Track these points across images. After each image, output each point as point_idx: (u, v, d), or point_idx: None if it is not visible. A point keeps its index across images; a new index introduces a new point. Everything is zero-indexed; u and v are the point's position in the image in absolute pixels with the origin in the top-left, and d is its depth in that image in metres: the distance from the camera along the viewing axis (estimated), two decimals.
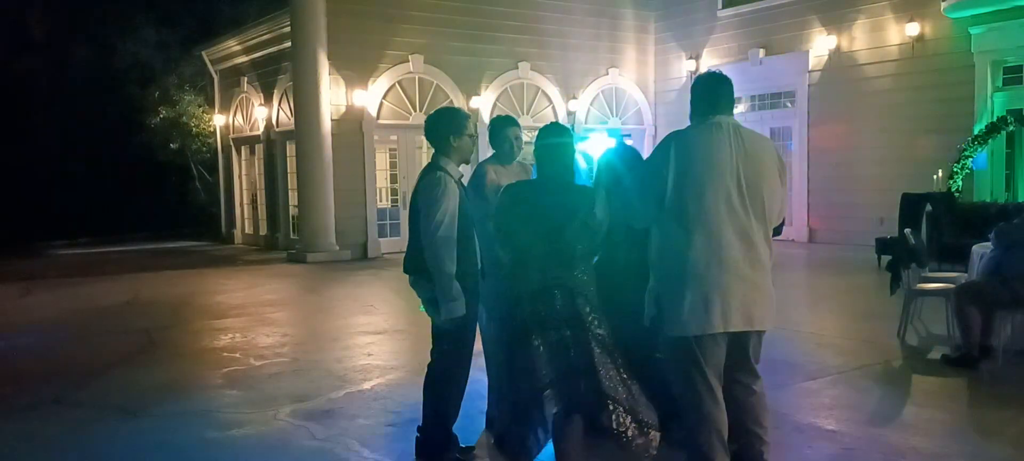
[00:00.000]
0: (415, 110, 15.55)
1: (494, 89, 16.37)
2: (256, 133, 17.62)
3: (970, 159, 12.29)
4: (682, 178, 3.46)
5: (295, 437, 4.89)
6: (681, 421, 3.78)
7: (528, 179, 3.86)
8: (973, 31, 12.83)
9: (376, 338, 7.73)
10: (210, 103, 20.01)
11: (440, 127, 4.20)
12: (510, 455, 3.92)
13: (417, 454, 4.35)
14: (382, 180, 16.67)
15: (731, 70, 16.06)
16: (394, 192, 16.61)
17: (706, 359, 3.52)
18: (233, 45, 17.88)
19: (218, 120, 19.57)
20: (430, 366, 4.33)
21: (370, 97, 15.08)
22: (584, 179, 3.90)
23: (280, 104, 16.51)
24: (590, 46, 17.46)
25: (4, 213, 19.15)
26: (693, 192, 3.45)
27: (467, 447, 4.42)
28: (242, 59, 17.87)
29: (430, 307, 4.19)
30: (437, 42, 15.57)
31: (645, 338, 4.10)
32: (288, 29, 14.48)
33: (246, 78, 17.87)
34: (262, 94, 17.22)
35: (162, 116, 20.23)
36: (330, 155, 14.36)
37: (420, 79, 15.62)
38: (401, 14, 15.23)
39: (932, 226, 11.25)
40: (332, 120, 14.49)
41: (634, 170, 4.51)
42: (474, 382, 4.53)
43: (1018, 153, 12.78)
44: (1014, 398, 5.37)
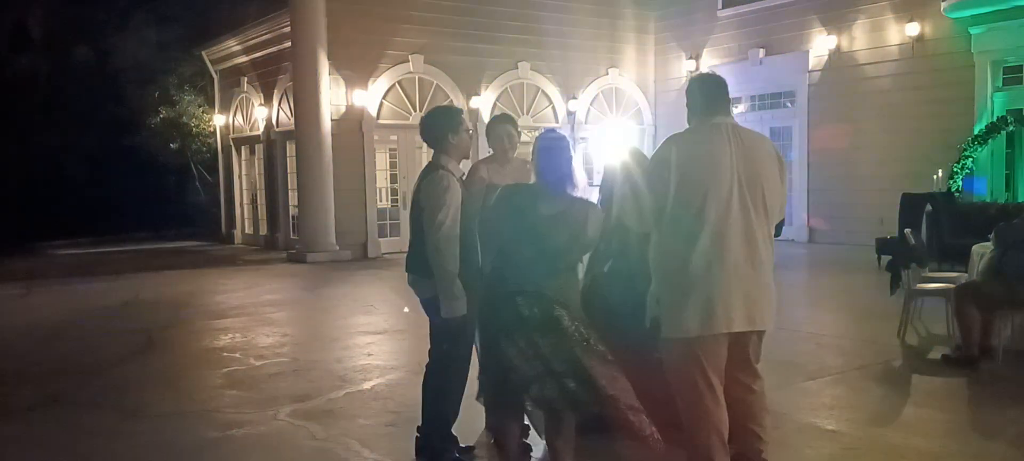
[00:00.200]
0: (415, 110, 15.54)
1: (494, 89, 16.37)
2: (256, 133, 17.62)
3: (969, 159, 12.31)
4: (684, 180, 3.46)
5: (295, 437, 4.89)
6: (681, 421, 3.78)
7: (526, 183, 3.83)
8: (973, 31, 12.83)
9: (376, 338, 7.73)
10: (210, 103, 20.01)
11: (437, 126, 4.19)
12: (509, 455, 3.92)
13: (417, 454, 4.35)
14: (382, 180, 16.67)
15: (731, 70, 16.16)
16: (394, 192, 16.61)
17: (708, 359, 3.51)
18: (233, 45, 17.89)
19: (218, 120, 19.57)
20: (429, 366, 4.33)
21: (370, 97, 15.08)
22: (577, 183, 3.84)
23: (280, 104, 16.51)
24: (590, 46, 17.46)
25: (4, 213, 19.14)
26: (696, 194, 3.45)
27: (467, 447, 4.42)
28: (242, 59, 17.87)
29: (430, 307, 4.18)
30: (437, 42, 15.57)
31: (644, 339, 4.10)
32: (288, 29, 14.48)
33: (246, 78, 17.87)
34: (262, 94, 17.22)
35: (162, 116, 20.23)
36: (330, 155, 14.37)
37: (420, 79, 15.62)
38: (401, 14, 15.23)
39: (932, 226, 11.25)
40: (332, 120, 14.50)
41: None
42: (474, 382, 4.53)
43: (1018, 153, 12.78)
44: (1014, 398, 5.36)
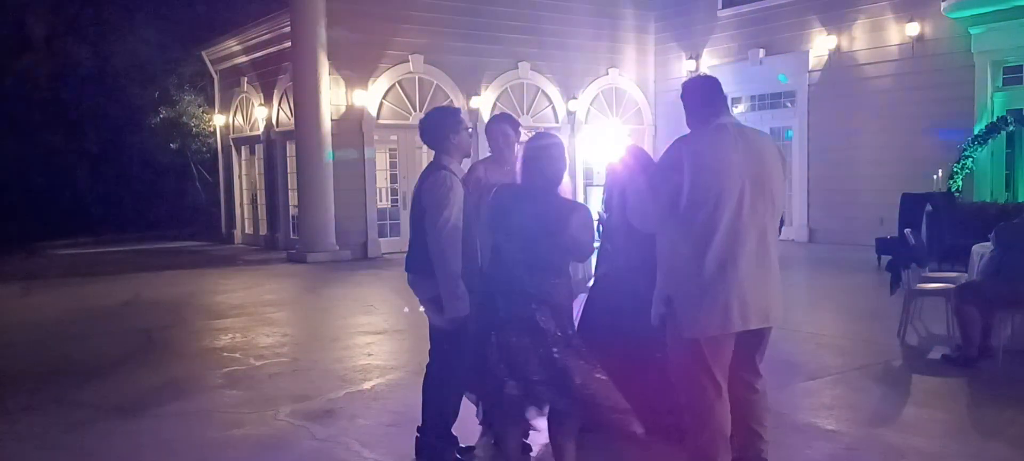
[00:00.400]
0: (415, 110, 15.54)
1: (494, 89, 16.37)
2: (256, 133, 17.62)
3: (969, 159, 12.32)
4: (697, 182, 3.45)
5: (295, 437, 4.89)
6: (683, 419, 3.78)
7: (516, 183, 3.83)
8: (973, 31, 12.83)
9: (376, 338, 7.73)
10: (210, 103, 20.01)
11: (438, 126, 4.18)
12: (508, 456, 3.91)
13: (417, 454, 4.35)
14: (382, 180, 16.68)
15: (731, 70, 16.14)
16: (394, 192, 16.61)
17: (717, 358, 3.54)
18: (233, 45, 17.88)
19: (218, 120, 19.57)
20: (429, 366, 4.33)
21: (370, 97, 15.08)
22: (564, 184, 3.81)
23: (280, 104, 16.50)
24: (590, 46, 17.46)
25: (4, 213, 19.14)
26: (709, 195, 3.45)
27: (467, 447, 4.42)
28: (242, 59, 17.87)
29: (431, 307, 4.18)
30: (437, 42, 15.56)
31: (647, 340, 4.10)
32: (288, 29, 14.48)
33: (246, 78, 17.87)
34: (262, 94, 17.21)
35: (162, 116, 20.25)
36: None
37: (420, 79, 15.61)
38: (401, 14, 15.23)
39: (932, 226, 11.25)
40: (332, 120, 14.49)
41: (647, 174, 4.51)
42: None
43: (1018, 153, 12.78)
44: (1014, 398, 5.36)
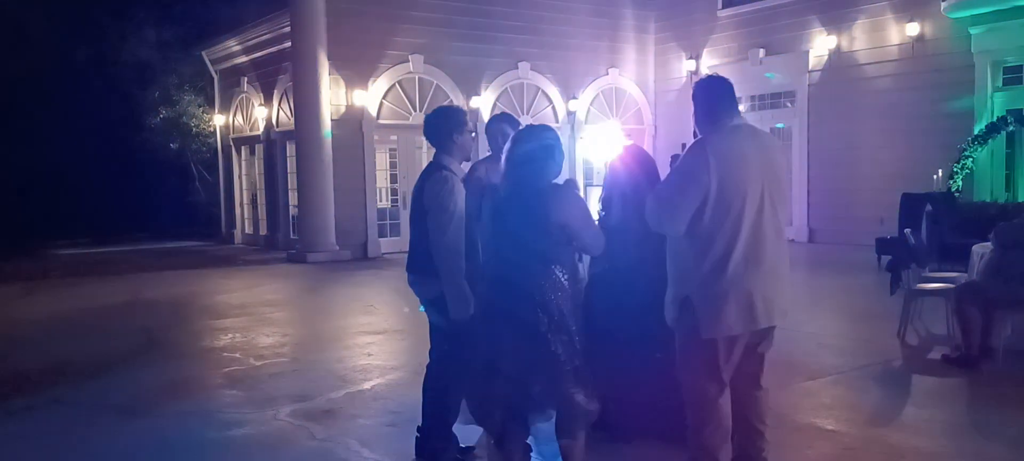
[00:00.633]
0: (415, 110, 15.55)
1: (494, 89, 16.37)
2: (256, 133, 17.62)
3: (969, 159, 12.31)
4: (723, 183, 3.46)
5: (295, 437, 4.89)
6: (683, 417, 3.78)
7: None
8: (973, 31, 12.83)
9: (376, 338, 7.73)
10: (210, 103, 20.00)
11: (443, 125, 4.18)
12: (509, 453, 3.91)
13: (417, 454, 4.35)
14: (382, 180, 16.68)
15: (731, 70, 16.17)
16: (394, 192, 16.62)
17: (732, 357, 3.56)
18: (233, 45, 17.88)
19: (218, 120, 19.56)
20: (430, 366, 4.33)
21: (370, 97, 15.08)
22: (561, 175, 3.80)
23: (280, 104, 16.50)
24: (590, 46, 17.46)
25: (5, 213, 19.13)
26: (736, 196, 3.46)
27: (467, 447, 4.43)
28: (242, 59, 17.87)
29: (431, 307, 4.18)
30: (437, 42, 15.56)
31: (644, 337, 4.09)
32: (288, 29, 14.48)
33: (246, 78, 17.87)
34: (262, 94, 17.21)
35: (162, 116, 20.23)
36: (330, 155, 14.37)
37: (420, 79, 15.62)
38: (401, 14, 15.23)
39: (932, 226, 11.25)
40: (332, 120, 14.50)
41: (652, 174, 4.50)
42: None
43: (1018, 153, 12.78)
44: (1014, 398, 5.36)
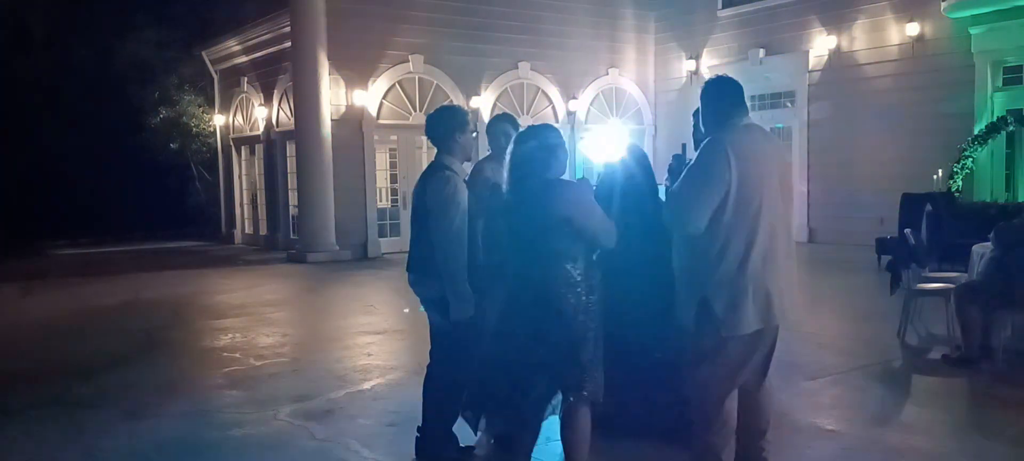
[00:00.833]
0: (415, 110, 15.55)
1: (494, 89, 16.37)
2: (256, 133, 17.62)
3: (969, 159, 12.30)
4: (744, 180, 3.47)
5: (295, 437, 4.89)
6: (683, 415, 3.79)
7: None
8: (973, 31, 12.83)
9: (376, 338, 7.73)
10: (210, 103, 19.99)
11: (445, 124, 4.18)
12: (509, 452, 3.92)
13: (417, 454, 4.36)
14: (382, 180, 16.68)
15: (731, 70, 16.17)
16: (394, 192, 16.62)
17: (748, 356, 3.56)
18: (233, 45, 17.88)
19: (218, 120, 19.56)
20: (430, 367, 4.33)
21: (370, 97, 15.08)
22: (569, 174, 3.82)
23: (280, 104, 16.50)
24: (590, 46, 17.45)
25: (4, 213, 19.13)
26: (753, 193, 3.48)
27: (467, 447, 4.42)
28: (242, 59, 17.87)
29: (431, 308, 4.18)
30: (437, 42, 15.56)
31: (643, 336, 4.09)
32: (288, 29, 14.48)
33: (246, 78, 17.87)
34: (262, 94, 17.21)
35: (162, 116, 20.22)
36: (330, 155, 14.37)
37: (420, 79, 15.61)
38: (401, 14, 15.22)
39: (932, 226, 11.25)
40: (332, 120, 14.49)
41: (648, 174, 4.50)
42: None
43: (1018, 153, 12.77)
44: (1014, 398, 5.36)
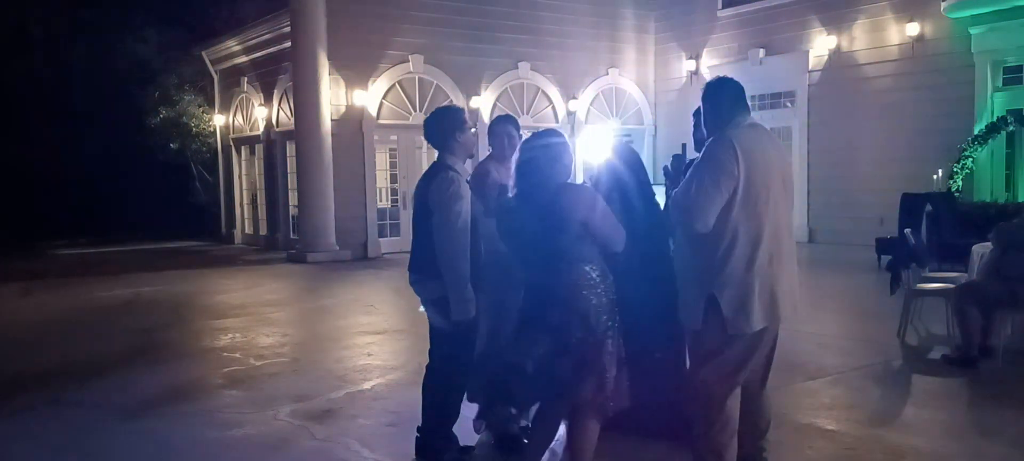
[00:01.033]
0: (415, 110, 15.54)
1: (494, 89, 16.37)
2: (256, 133, 17.62)
3: (969, 159, 12.30)
4: (750, 177, 3.48)
5: (295, 437, 4.89)
6: (683, 415, 3.79)
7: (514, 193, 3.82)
8: (973, 31, 12.83)
9: (376, 338, 7.73)
10: (210, 103, 19.99)
11: (443, 125, 4.17)
12: (508, 450, 3.91)
13: (417, 454, 4.35)
14: (382, 180, 16.68)
15: (731, 70, 16.17)
16: (394, 192, 16.62)
17: (753, 354, 3.57)
18: (233, 45, 17.88)
19: (218, 120, 19.56)
20: (430, 367, 4.32)
21: (370, 97, 15.08)
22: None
23: (280, 104, 16.50)
24: (590, 46, 17.45)
25: (4, 213, 19.13)
26: (760, 190, 3.49)
27: (467, 447, 4.42)
28: (242, 59, 17.87)
29: (432, 308, 4.17)
30: (437, 42, 15.56)
31: (643, 336, 4.09)
32: (288, 29, 14.48)
33: (246, 78, 17.87)
34: (262, 94, 17.21)
35: (162, 116, 20.20)
36: (330, 155, 14.37)
37: (420, 79, 15.61)
38: (401, 14, 15.22)
39: (932, 226, 11.25)
40: (332, 120, 14.49)
41: (639, 171, 4.49)
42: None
43: (1018, 153, 12.77)
44: (1014, 398, 5.36)
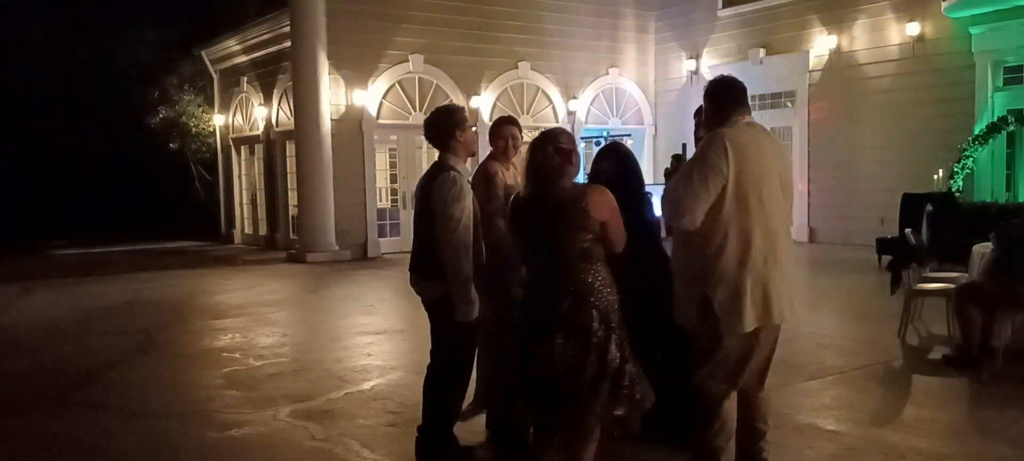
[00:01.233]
0: (415, 110, 15.55)
1: (494, 89, 16.37)
2: (256, 133, 17.62)
3: (969, 159, 12.30)
4: (741, 175, 3.48)
5: (295, 437, 4.89)
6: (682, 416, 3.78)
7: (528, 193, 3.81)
8: (973, 31, 12.82)
9: (376, 338, 7.73)
10: (210, 103, 20.01)
11: (443, 125, 4.16)
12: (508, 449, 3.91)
13: (417, 454, 4.35)
14: (382, 180, 16.68)
15: (731, 70, 16.07)
16: (394, 192, 16.62)
17: (748, 355, 3.57)
18: (233, 45, 17.88)
19: (218, 120, 19.56)
20: (430, 367, 4.32)
21: (370, 97, 15.08)
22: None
23: (280, 104, 16.50)
24: (590, 46, 17.46)
25: (4, 213, 19.13)
26: (751, 189, 3.49)
27: (467, 447, 4.42)
28: (242, 59, 17.87)
29: (433, 309, 4.16)
30: (437, 42, 15.57)
31: (642, 336, 4.09)
32: (288, 29, 14.48)
33: (246, 78, 17.87)
34: (262, 94, 17.21)
35: (162, 116, 20.24)
36: (330, 155, 14.37)
37: (420, 79, 15.61)
38: (401, 14, 15.22)
39: (932, 226, 11.25)
40: (332, 120, 14.49)
41: (631, 169, 4.49)
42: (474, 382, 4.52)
43: (1018, 153, 12.77)
44: (1014, 398, 5.36)
